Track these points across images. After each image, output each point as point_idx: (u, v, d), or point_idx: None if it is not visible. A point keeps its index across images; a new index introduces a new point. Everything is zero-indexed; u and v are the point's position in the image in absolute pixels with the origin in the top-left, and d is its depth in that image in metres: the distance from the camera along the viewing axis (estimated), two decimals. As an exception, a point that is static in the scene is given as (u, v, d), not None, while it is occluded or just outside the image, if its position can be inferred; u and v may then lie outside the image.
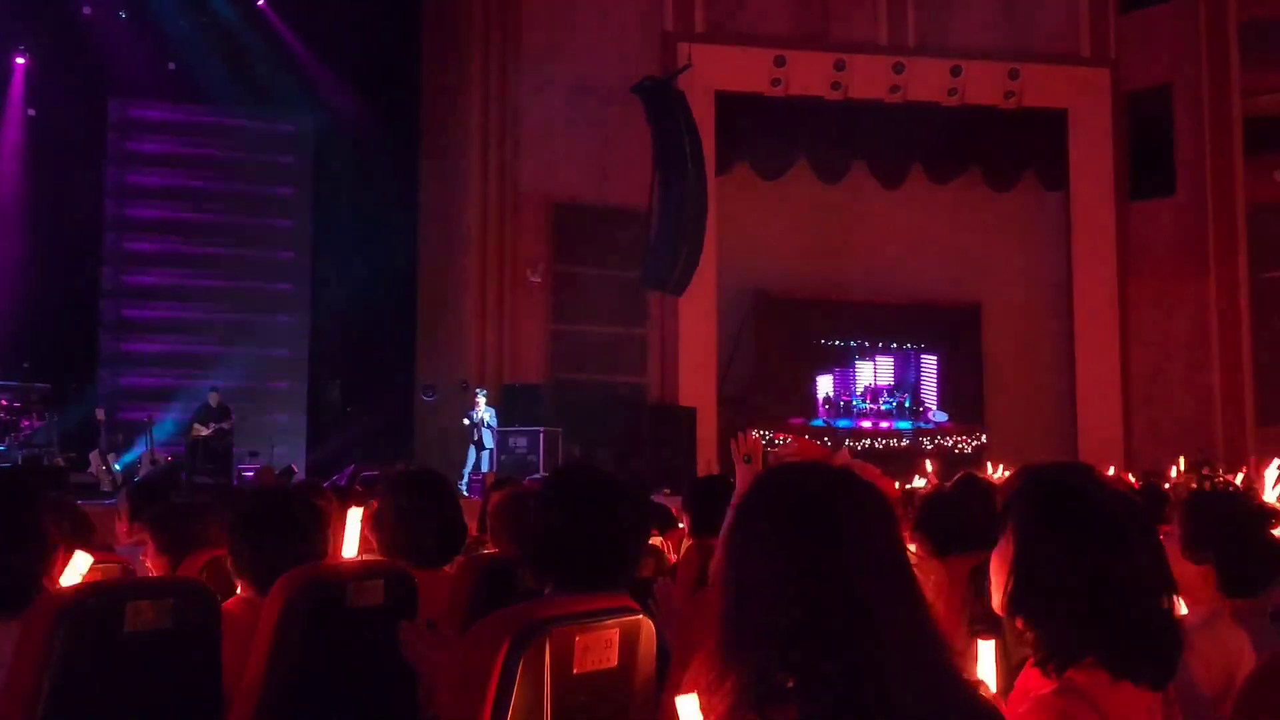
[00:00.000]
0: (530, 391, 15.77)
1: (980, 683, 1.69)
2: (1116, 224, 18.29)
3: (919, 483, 8.67)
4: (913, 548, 3.58)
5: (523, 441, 14.38)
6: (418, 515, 3.08)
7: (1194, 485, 8.14)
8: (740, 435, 3.54)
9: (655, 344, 16.99)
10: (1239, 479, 9.11)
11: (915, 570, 1.48)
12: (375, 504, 3.22)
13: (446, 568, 3.24)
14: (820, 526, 1.43)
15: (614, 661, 2.13)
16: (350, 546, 2.97)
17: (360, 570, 2.88)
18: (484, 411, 14.71)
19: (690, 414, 16.03)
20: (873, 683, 1.36)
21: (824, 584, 1.39)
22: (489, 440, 14.64)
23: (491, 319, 16.62)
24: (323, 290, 16.97)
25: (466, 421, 14.71)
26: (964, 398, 18.18)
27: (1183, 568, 2.80)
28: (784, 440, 15.65)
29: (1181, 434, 16.41)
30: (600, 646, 2.09)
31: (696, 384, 16.65)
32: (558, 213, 16.61)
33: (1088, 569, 1.75)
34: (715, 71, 16.89)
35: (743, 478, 3.47)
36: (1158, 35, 18.12)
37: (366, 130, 16.41)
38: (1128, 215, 18.37)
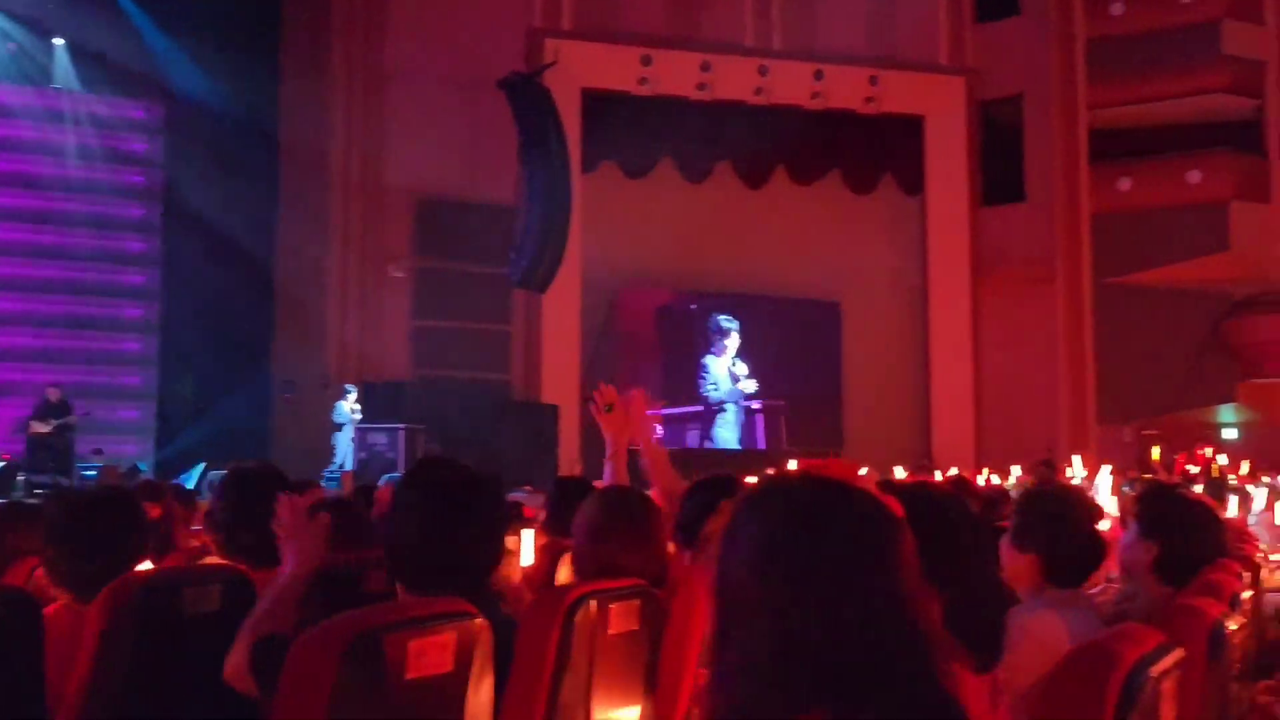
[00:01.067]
0: (392, 388, 15.53)
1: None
2: (970, 228, 18.88)
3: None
4: None
5: (382, 439, 14.16)
6: (253, 514, 2.95)
7: (1032, 483, 8.45)
8: (597, 391, 3.85)
9: (519, 341, 16.92)
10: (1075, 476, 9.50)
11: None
12: (208, 505, 3.10)
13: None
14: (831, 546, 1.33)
15: (449, 666, 2.09)
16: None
17: (195, 575, 2.78)
18: (351, 405, 14.61)
19: (553, 411, 15.98)
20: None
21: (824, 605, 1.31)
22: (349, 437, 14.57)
23: (353, 314, 16.35)
24: (175, 281, 16.38)
25: (335, 418, 14.68)
26: (821, 396, 18.48)
27: (1013, 557, 2.93)
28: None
29: (1029, 433, 17.00)
30: (435, 650, 2.05)
31: (560, 381, 16.60)
32: (422, 207, 16.40)
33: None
34: (582, 69, 16.88)
35: (607, 426, 3.82)
36: (1011, 47, 18.74)
37: (223, 116, 15.86)
38: (981, 220, 18.97)
